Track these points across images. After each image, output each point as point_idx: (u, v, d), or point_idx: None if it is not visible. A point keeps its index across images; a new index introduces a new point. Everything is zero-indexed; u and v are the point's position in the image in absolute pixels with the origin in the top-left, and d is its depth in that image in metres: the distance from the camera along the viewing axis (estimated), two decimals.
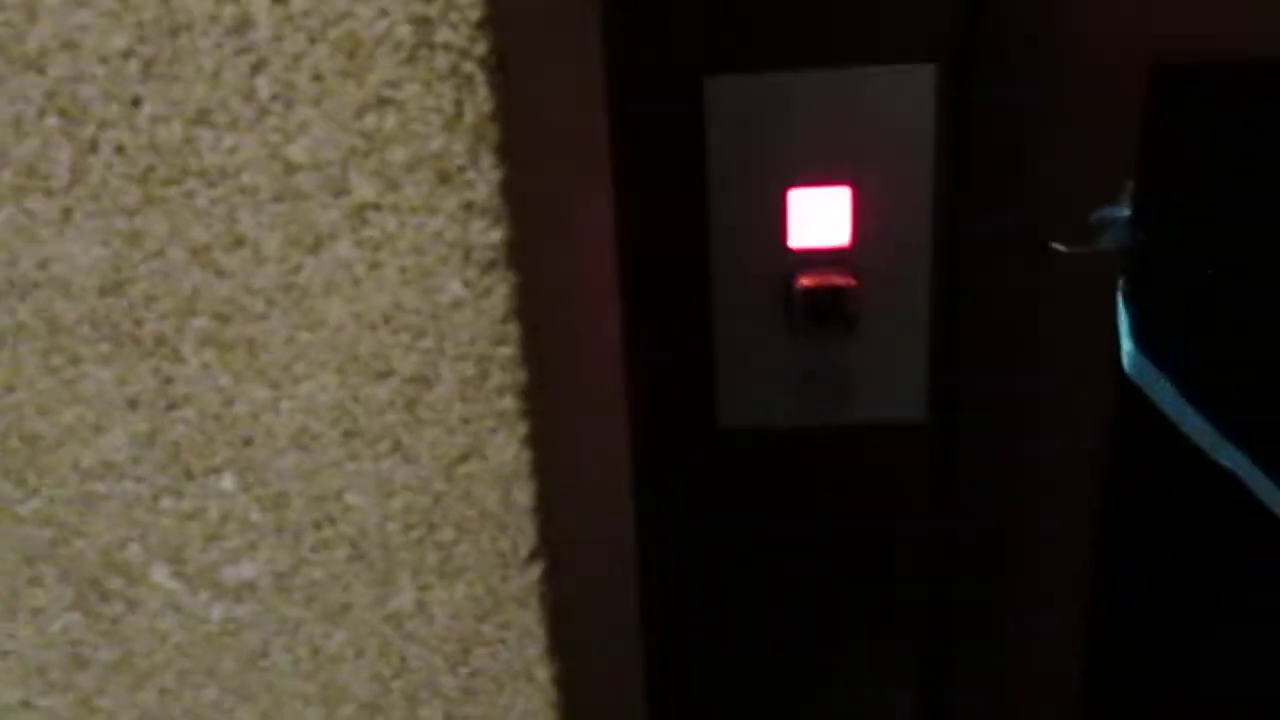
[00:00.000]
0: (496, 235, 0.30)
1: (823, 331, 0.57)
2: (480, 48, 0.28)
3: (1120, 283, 0.52)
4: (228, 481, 0.33)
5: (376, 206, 0.30)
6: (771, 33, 0.53)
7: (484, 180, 0.29)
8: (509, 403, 0.32)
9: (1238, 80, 0.50)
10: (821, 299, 0.57)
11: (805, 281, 0.56)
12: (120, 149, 0.30)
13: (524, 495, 0.33)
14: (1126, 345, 0.52)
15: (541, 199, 0.33)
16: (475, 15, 0.28)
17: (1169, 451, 0.53)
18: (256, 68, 0.29)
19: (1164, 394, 0.51)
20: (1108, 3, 0.52)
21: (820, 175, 0.55)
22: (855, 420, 0.59)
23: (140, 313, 0.32)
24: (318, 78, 0.29)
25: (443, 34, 0.28)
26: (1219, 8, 0.51)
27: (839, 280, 0.56)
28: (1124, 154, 0.53)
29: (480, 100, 0.28)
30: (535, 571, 0.34)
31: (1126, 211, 0.52)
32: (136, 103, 0.29)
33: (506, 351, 0.31)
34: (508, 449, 0.32)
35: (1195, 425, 0.52)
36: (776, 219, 0.56)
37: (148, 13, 0.28)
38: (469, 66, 0.28)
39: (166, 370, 0.32)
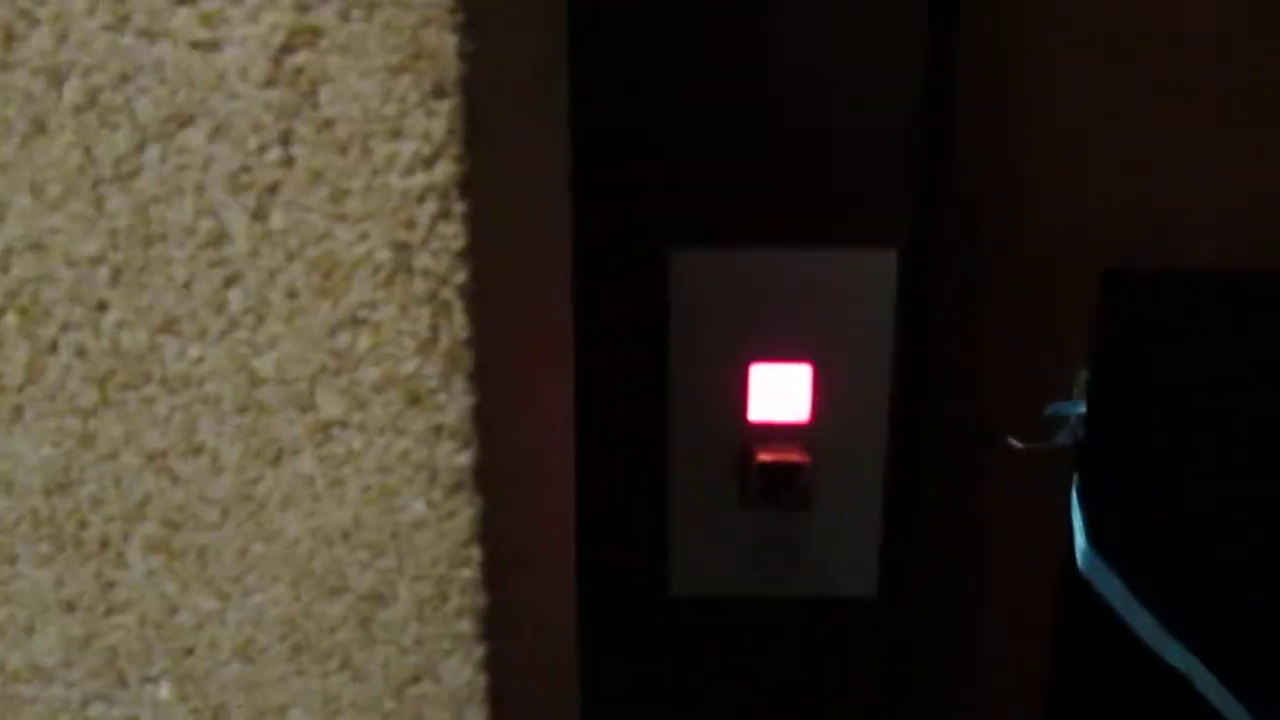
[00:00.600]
0: (465, 459, 0.29)
1: (777, 506, 0.57)
2: (460, 276, 0.28)
3: (1074, 480, 0.53)
4: (164, 691, 0.32)
5: (343, 424, 0.29)
6: (738, 210, 0.54)
7: (455, 404, 0.29)
8: (466, 625, 0.31)
9: (1189, 288, 0.51)
10: (778, 475, 0.56)
11: (763, 457, 0.56)
12: (81, 351, 0.29)
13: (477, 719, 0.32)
14: (1080, 543, 0.52)
15: (509, 410, 0.33)
16: (457, 245, 0.28)
17: (1119, 648, 0.53)
18: (230, 281, 0.28)
19: (1115, 592, 0.52)
20: (1067, 200, 0.54)
21: (782, 352, 0.55)
22: (806, 593, 0.59)
23: (86, 515, 0.30)
24: (292, 294, 0.28)
25: (422, 260, 0.28)
26: (1173, 211, 0.53)
27: (795, 457, 0.56)
28: (1079, 348, 0.54)
29: (457, 326, 0.28)
30: None
31: (1080, 408, 0.53)
32: (102, 307, 0.29)
33: (467, 574, 0.30)
34: (463, 672, 0.31)
35: (1145, 624, 0.52)
36: (736, 393, 0.56)
37: (122, 221, 0.28)
38: (447, 293, 0.28)
39: (109, 574, 0.31)
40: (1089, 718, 0.57)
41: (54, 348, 0.29)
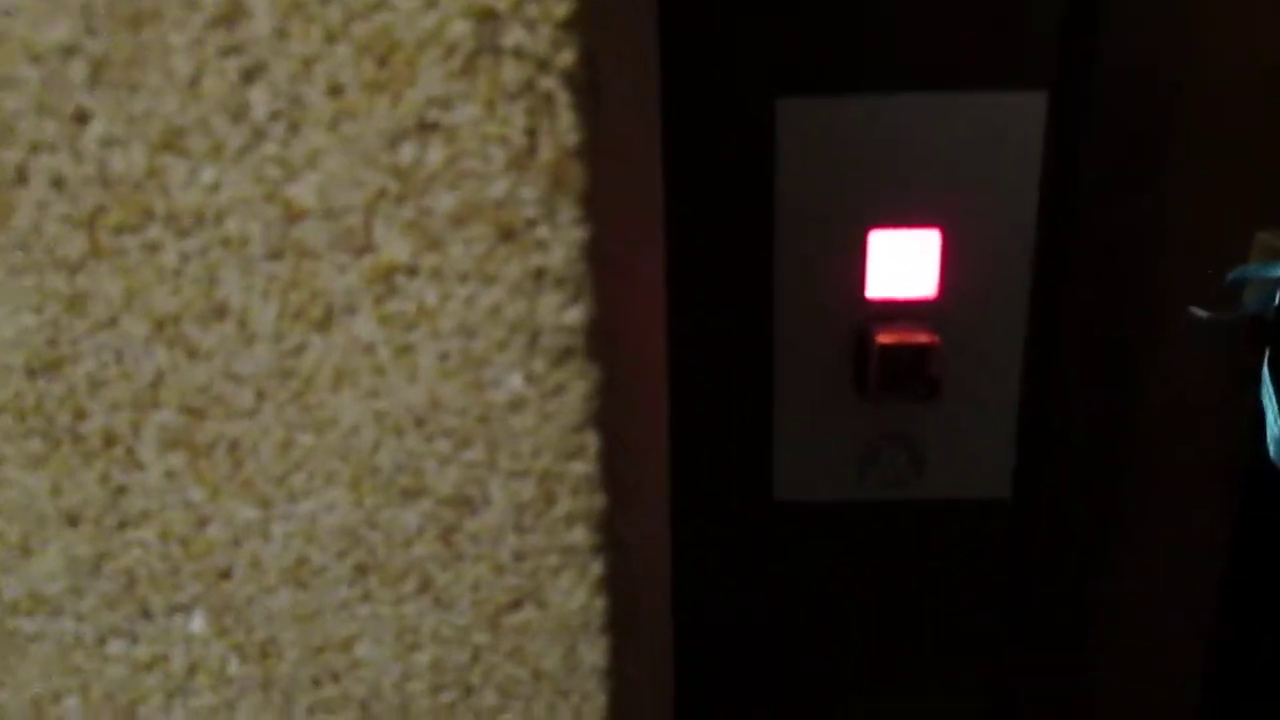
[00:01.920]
0: (576, 314, 0.21)
1: (899, 396, 0.50)
2: (566, 56, 0.20)
3: (1267, 356, 0.45)
4: (197, 623, 0.25)
5: (410, 271, 0.21)
6: (854, 50, 0.45)
7: (561, 240, 0.21)
8: (580, 535, 0.23)
9: None
10: (900, 360, 0.49)
11: (883, 339, 0.49)
12: (58, 182, 0.22)
13: (593, 653, 0.24)
14: (1273, 428, 0.44)
15: (628, 251, 0.25)
16: (562, 10, 0.20)
17: None
18: (250, 75, 0.20)
19: None
20: (1247, 29, 0.45)
21: (905, 216, 0.48)
22: (930, 496, 0.52)
23: (83, 402, 0.23)
24: (335, 91, 0.20)
25: (514, 35, 0.20)
26: None
27: (922, 338, 0.49)
28: (1264, 203, 0.46)
29: (563, 129, 0.20)
30: None
31: (1274, 272, 0.44)
32: (82, 119, 0.21)
33: (580, 468, 0.23)
34: (575, 594, 0.24)
35: None
36: (854, 264, 0.48)
37: None
38: (549, 82, 0.20)
39: (118, 478, 0.24)
40: (1273, 631, 0.49)
41: (22, 177, 0.22)
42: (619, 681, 0.25)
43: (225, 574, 0.24)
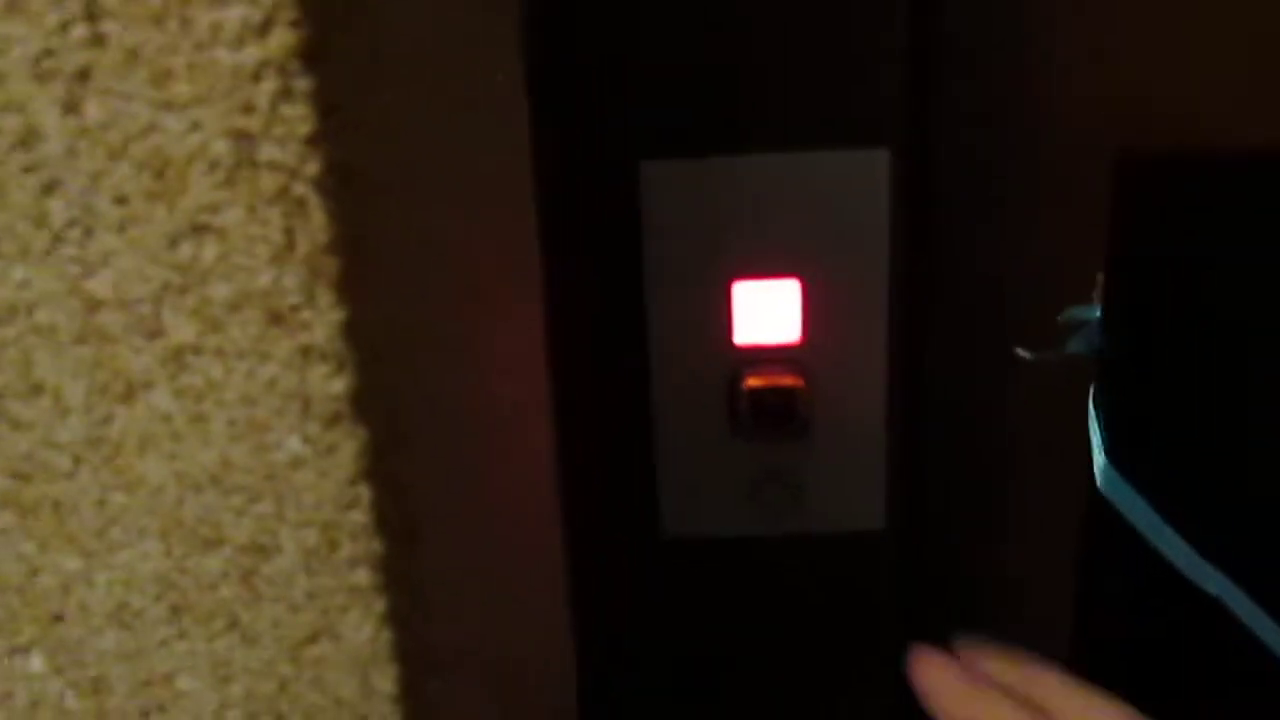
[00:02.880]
0: (340, 385, 0.25)
1: (772, 435, 0.53)
2: (313, 167, 0.23)
3: (1092, 391, 0.48)
4: (36, 662, 0.28)
5: (197, 350, 0.25)
6: (713, 114, 0.49)
7: (322, 321, 0.24)
8: (362, 576, 0.27)
9: (1211, 171, 0.46)
10: (769, 401, 0.52)
11: (752, 382, 0.52)
12: None
13: (385, 681, 0.28)
14: (1099, 459, 0.47)
15: (411, 325, 0.28)
16: (305, 129, 0.23)
17: (1145, 570, 0.48)
18: (49, 188, 0.24)
19: (1139, 512, 0.47)
20: (1073, 86, 0.48)
21: (767, 267, 0.51)
22: (808, 529, 0.55)
23: None
24: (121, 201, 0.24)
25: (267, 151, 0.23)
26: (1191, 91, 0.47)
27: (788, 380, 0.52)
28: (1095, 247, 0.49)
29: (315, 228, 0.24)
30: None
31: (1097, 313, 0.48)
32: None
33: (357, 518, 0.26)
34: (363, 629, 0.27)
35: (1172, 544, 0.47)
36: (720, 314, 0.51)
37: None
38: (300, 189, 0.24)
39: None
40: (1118, 648, 0.52)
41: None
42: (415, 707, 0.28)
43: (58, 618, 0.28)
